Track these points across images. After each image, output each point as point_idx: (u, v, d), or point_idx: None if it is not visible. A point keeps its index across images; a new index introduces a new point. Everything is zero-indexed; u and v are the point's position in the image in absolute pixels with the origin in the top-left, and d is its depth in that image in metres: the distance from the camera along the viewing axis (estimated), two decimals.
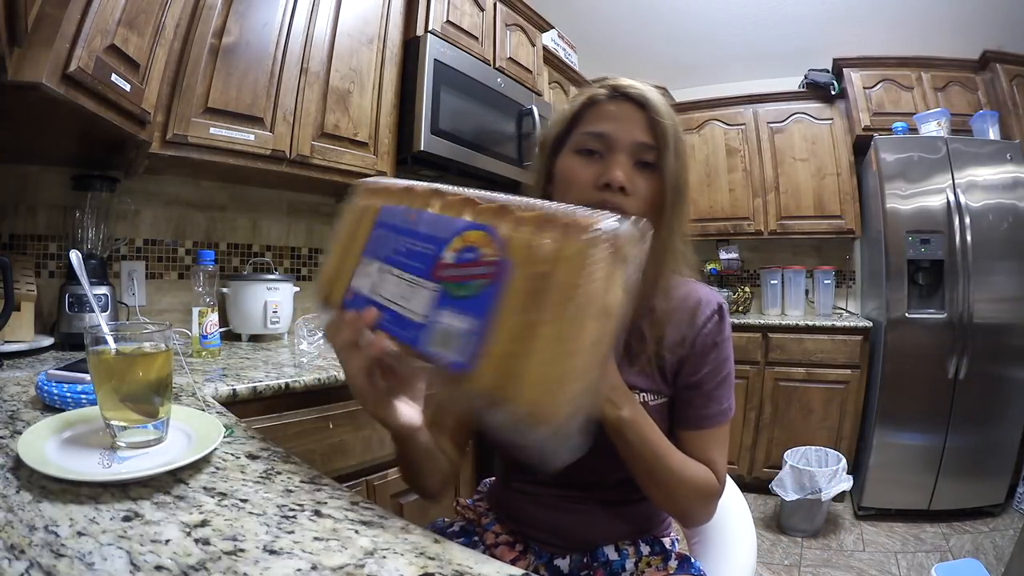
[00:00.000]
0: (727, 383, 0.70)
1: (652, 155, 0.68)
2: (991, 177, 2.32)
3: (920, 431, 2.32)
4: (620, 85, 0.71)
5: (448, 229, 0.44)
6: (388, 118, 1.73)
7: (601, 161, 0.68)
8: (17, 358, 1.09)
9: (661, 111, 0.68)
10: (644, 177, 0.68)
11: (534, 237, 0.39)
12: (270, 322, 1.55)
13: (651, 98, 0.68)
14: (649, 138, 0.67)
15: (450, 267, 0.43)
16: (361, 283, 0.51)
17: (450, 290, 0.42)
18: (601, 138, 0.68)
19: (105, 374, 0.56)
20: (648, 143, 0.67)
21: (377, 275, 0.50)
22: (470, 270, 0.41)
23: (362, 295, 0.51)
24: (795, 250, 3.16)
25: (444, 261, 0.43)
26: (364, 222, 0.54)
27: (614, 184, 0.65)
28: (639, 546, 0.73)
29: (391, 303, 0.47)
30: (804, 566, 2.02)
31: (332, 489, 0.49)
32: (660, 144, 0.67)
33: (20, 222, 1.34)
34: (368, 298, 0.50)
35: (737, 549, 0.84)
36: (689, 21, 3.01)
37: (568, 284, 0.36)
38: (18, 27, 0.81)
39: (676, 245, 0.70)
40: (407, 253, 0.47)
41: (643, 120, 0.68)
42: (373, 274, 0.50)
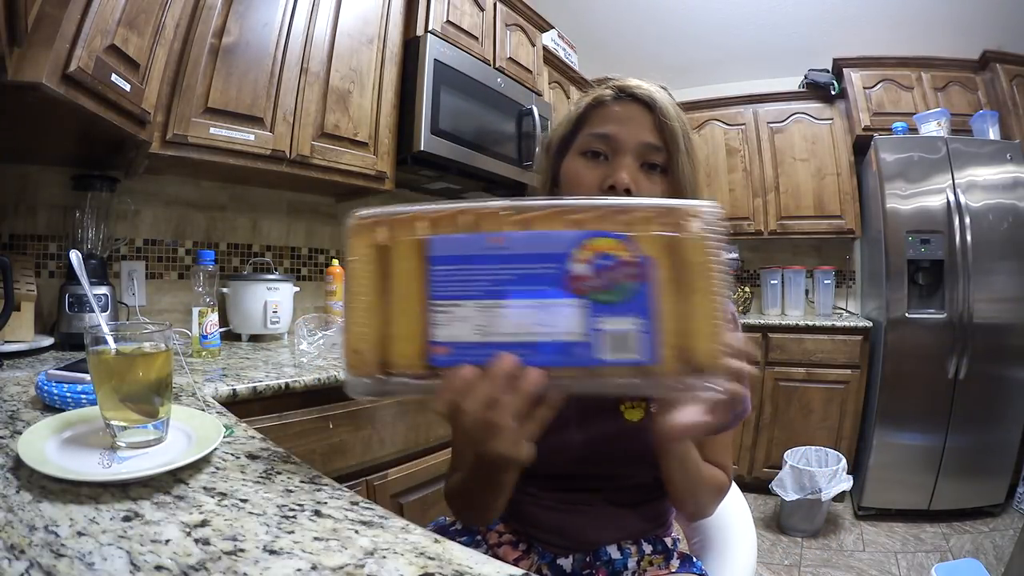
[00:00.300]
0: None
1: (660, 157, 0.67)
2: (991, 177, 2.32)
3: (920, 431, 2.32)
4: (626, 86, 0.70)
5: (562, 243, 0.43)
6: (388, 118, 1.73)
7: (607, 163, 0.67)
8: (17, 358, 1.09)
9: (669, 112, 0.67)
10: (651, 179, 0.67)
11: (659, 231, 0.43)
12: (270, 322, 1.56)
13: (658, 98, 0.67)
14: (656, 139, 0.67)
15: (588, 278, 0.43)
16: (455, 331, 0.44)
17: (599, 298, 0.43)
18: (606, 140, 0.68)
19: (105, 374, 0.56)
20: (655, 144, 0.67)
21: (479, 315, 0.44)
22: (613, 274, 0.43)
23: (465, 343, 0.44)
24: (795, 250, 3.16)
25: (578, 274, 0.43)
26: (403, 261, 0.46)
27: (619, 186, 0.64)
28: (641, 545, 0.73)
29: (522, 336, 0.43)
30: (804, 566, 2.02)
31: (332, 489, 0.49)
32: (669, 146, 0.66)
33: (20, 222, 1.34)
34: (480, 344, 0.44)
35: (737, 549, 0.84)
36: (689, 21, 3.01)
37: (702, 263, 0.43)
38: (18, 27, 0.81)
39: None
40: (519, 280, 0.44)
41: (650, 121, 0.67)
42: (471, 316, 0.44)
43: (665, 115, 0.67)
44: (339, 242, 2.01)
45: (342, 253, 1.98)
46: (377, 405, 1.27)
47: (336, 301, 1.70)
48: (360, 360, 0.46)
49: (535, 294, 0.43)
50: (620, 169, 0.65)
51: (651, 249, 0.43)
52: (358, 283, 0.47)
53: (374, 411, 1.26)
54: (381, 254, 0.46)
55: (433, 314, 0.45)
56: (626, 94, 0.69)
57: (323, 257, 1.95)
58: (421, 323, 0.45)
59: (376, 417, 1.27)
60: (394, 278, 0.46)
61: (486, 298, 0.44)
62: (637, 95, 0.68)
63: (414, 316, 0.45)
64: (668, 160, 0.67)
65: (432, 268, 0.45)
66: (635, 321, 0.42)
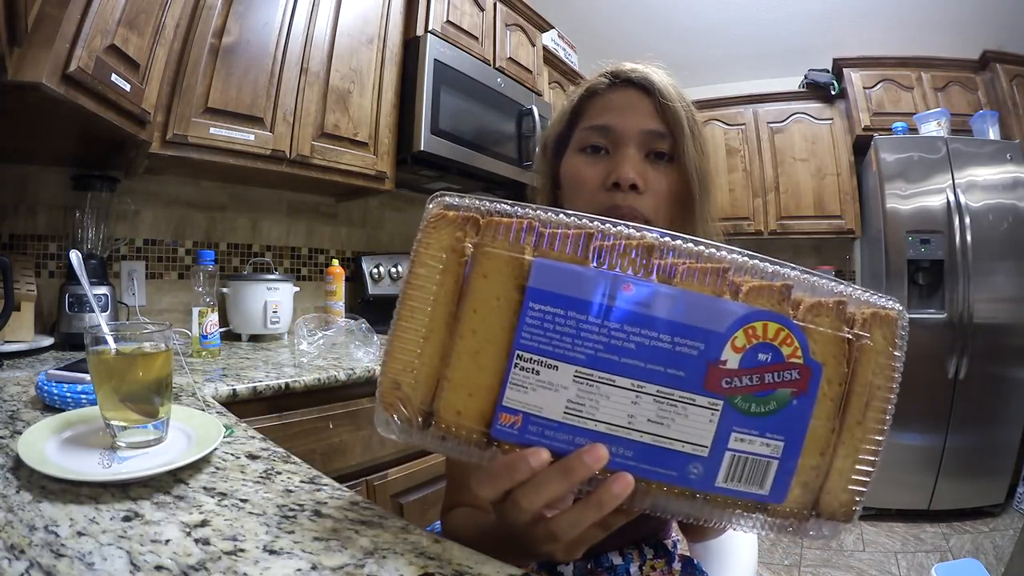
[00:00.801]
0: None
1: (665, 144, 0.61)
2: (991, 177, 2.32)
3: (920, 431, 2.32)
4: (620, 70, 0.64)
5: (722, 317, 0.31)
6: (388, 118, 1.73)
7: (608, 158, 0.62)
8: (17, 358, 1.09)
9: (670, 93, 0.60)
10: (659, 170, 0.61)
11: (838, 330, 0.32)
12: (270, 322, 1.55)
13: (656, 80, 0.61)
14: (659, 125, 0.60)
15: (737, 374, 0.31)
16: (538, 400, 0.33)
17: (741, 406, 0.32)
18: (605, 131, 0.62)
19: (105, 374, 0.56)
20: (659, 131, 0.60)
21: (576, 388, 0.32)
22: (772, 379, 0.32)
23: (546, 420, 0.33)
24: (795, 250, 3.16)
25: (725, 366, 0.31)
26: (490, 284, 0.33)
27: (623, 182, 0.58)
28: (643, 549, 0.72)
29: (622, 428, 0.32)
30: (804, 566, 2.02)
31: (332, 489, 0.49)
32: (673, 130, 0.60)
33: (20, 222, 1.34)
34: (565, 425, 0.33)
35: (738, 549, 0.84)
36: (689, 21, 3.01)
37: (881, 386, 0.33)
38: (18, 27, 0.81)
39: (708, 234, 0.61)
40: (645, 351, 0.32)
41: (650, 106, 0.61)
42: (564, 386, 0.32)
43: (666, 96, 0.60)
44: (339, 242, 2.01)
45: (342, 253, 1.99)
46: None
47: (336, 301, 1.70)
48: (398, 397, 0.35)
49: (662, 378, 0.32)
50: (623, 163, 0.59)
51: (824, 352, 0.32)
52: (421, 296, 0.34)
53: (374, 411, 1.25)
54: (460, 264, 0.34)
55: (515, 371, 0.33)
56: (621, 79, 0.63)
57: (323, 257, 1.95)
58: (495, 376, 0.33)
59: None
60: (474, 304, 0.33)
61: (592, 367, 0.32)
62: (633, 79, 0.62)
63: (488, 364, 0.33)
64: (674, 146, 0.60)
65: (529, 305, 0.32)
66: (776, 447, 0.32)
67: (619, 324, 0.32)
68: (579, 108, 0.66)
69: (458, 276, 0.34)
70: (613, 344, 0.32)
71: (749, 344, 0.31)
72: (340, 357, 1.31)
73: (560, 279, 0.32)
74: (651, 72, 0.62)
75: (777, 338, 0.31)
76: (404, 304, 0.35)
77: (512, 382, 0.33)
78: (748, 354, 0.31)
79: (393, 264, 2.02)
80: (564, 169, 0.66)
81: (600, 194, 0.60)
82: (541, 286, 0.32)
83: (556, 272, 0.32)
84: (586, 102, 0.65)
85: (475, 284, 0.33)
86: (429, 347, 0.34)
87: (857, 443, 0.33)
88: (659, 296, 0.32)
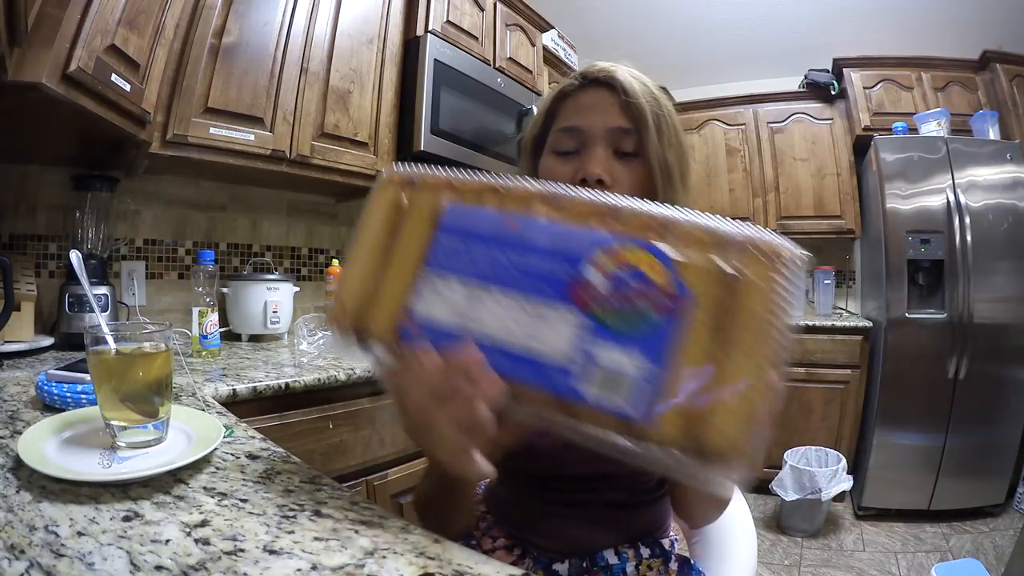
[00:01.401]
0: None
1: (631, 141, 0.63)
2: (991, 177, 2.32)
3: (920, 431, 2.32)
4: (588, 71, 0.66)
5: (584, 243, 0.36)
6: (388, 118, 1.73)
7: (578, 157, 0.64)
8: (17, 358, 1.09)
9: (633, 90, 0.62)
10: (627, 165, 0.63)
11: (716, 263, 0.34)
12: (270, 322, 1.55)
13: (620, 77, 0.63)
14: (625, 121, 0.63)
15: (602, 292, 0.35)
16: (432, 308, 0.39)
17: (606, 321, 0.34)
18: (574, 132, 0.65)
19: (105, 374, 0.56)
20: (624, 127, 0.63)
21: (464, 299, 0.38)
22: (635, 297, 0.34)
23: (438, 324, 0.39)
24: None
25: (591, 284, 0.35)
26: (413, 223, 0.42)
27: (589, 178, 0.61)
28: (639, 549, 0.72)
29: (501, 336, 0.37)
30: (804, 566, 2.02)
31: (332, 489, 0.49)
32: (638, 125, 0.62)
33: (20, 222, 1.34)
34: (450, 330, 0.38)
35: (737, 549, 0.84)
36: (689, 21, 3.01)
37: (761, 316, 0.34)
38: (18, 27, 0.81)
39: None
40: (521, 271, 0.37)
41: (616, 104, 0.63)
42: (455, 297, 0.39)
43: (628, 93, 0.62)
44: (339, 242, 2.01)
45: (342, 253, 1.99)
46: (377, 405, 1.27)
47: None
48: (341, 314, 0.42)
49: (532, 292, 0.37)
50: (589, 161, 0.62)
51: (697, 282, 0.34)
52: (365, 237, 0.44)
53: (374, 411, 1.26)
54: (398, 213, 0.43)
55: (419, 283, 0.40)
56: (589, 80, 0.66)
57: (323, 257, 1.95)
58: (406, 290, 0.40)
59: (376, 417, 1.27)
60: (400, 238, 0.42)
61: (477, 282, 0.38)
62: (599, 78, 0.64)
63: (402, 281, 0.41)
64: (639, 142, 0.63)
65: (438, 235, 0.41)
66: (639, 363, 0.34)
67: (503, 250, 0.38)
68: (552, 110, 0.69)
69: (395, 223, 0.43)
70: (498, 266, 0.38)
71: (618, 267, 0.35)
72: (340, 357, 1.31)
73: (465, 218, 0.40)
74: (616, 70, 0.64)
75: (647, 265, 0.35)
76: (355, 244, 0.44)
77: (417, 293, 0.40)
78: (616, 276, 0.35)
79: None
80: (540, 170, 0.69)
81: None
82: (450, 223, 0.41)
83: (462, 213, 0.41)
84: (558, 104, 0.68)
85: (405, 226, 0.42)
86: (367, 273, 0.42)
87: (741, 372, 0.33)
88: (539, 229, 0.38)
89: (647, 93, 0.63)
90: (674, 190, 0.63)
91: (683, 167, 0.65)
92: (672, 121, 0.65)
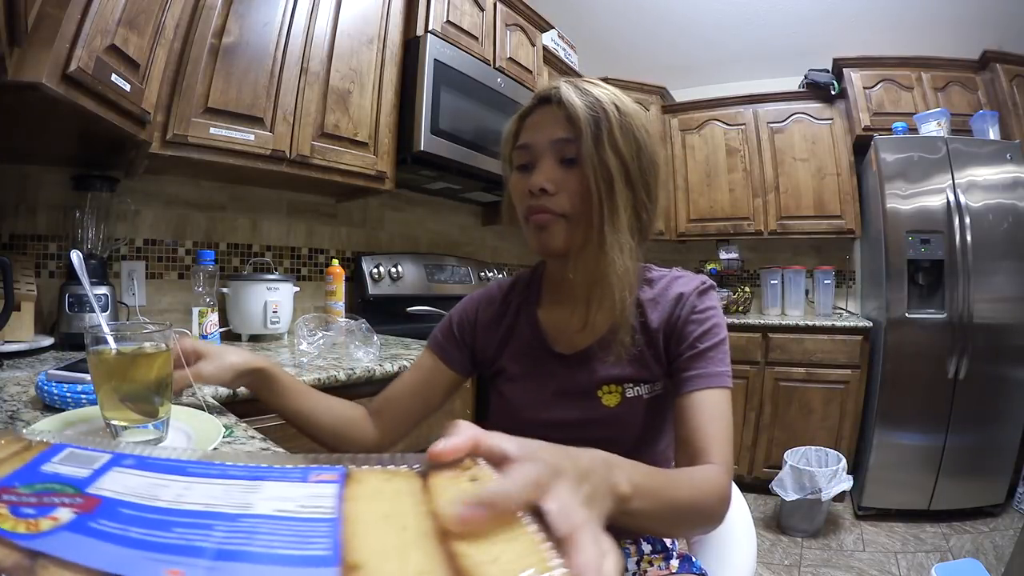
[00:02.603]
0: (720, 349, 0.69)
1: (572, 148, 0.67)
2: (991, 177, 2.32)
3: (920, 431, 2.32)
4: (540, 91, 0.71)
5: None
6: (388, 118, 1.73)
7: (531, 171, 0.70)
8: (17, 358, 1.09)
9: (570, 100, 0.66)
10: (570, 172, 0.68)
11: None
12: (270, 322, 1.55)
13: (563, 92, 0.67)
14: (566, 132, 0.67)
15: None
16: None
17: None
18: (527, 149, 0.70)
19: (105, 374, 0.56)
20: (565, 137, 0.67)
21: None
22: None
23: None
24: (795, 250, 3.16)
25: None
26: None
27: (534, 189, 0.67)
28: (640, 544, 0.72)
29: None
30: (804, 566, 2.02)
31: None
32: (576, 134, 0.66)
33: (20, 222, 1.34)
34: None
35: (737, 549, 0.84)
36: (689, 21, 3.01)
37: None
38: (18, 27, 0.81)
39: (609, 222, 0.66)
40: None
41: (561, 117, 0.67)
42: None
43: (567, 105, 0.66)
44: (339, 242, 2.01)
45: (342, 253, 1.99)
46: None
47: (336, 301, 1.70)
48: None
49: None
50: (536, 174, 0.68)
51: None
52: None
53: None
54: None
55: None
56: (540, 99, 0.71)
57: (323, 257, 1.95)
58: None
59: None
60: None
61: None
62: (547, 96, 0.70)
63: None
64: (578, 149, 0.66)
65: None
66: None
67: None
68: (516, 130, 0.74)
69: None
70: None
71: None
72: (340, 357, 1.31)
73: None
74: (561, 86, 0.68)
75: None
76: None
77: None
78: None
79: (393, 264, 2.02)
80: (508, 185, 0.75)
81: (526, 200, 0.70)
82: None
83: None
84: (520, 124, 0.74)
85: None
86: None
87: None
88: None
89: (590, 102, 0.67)
90: (612, 190, 0.66)
91: (632, 167, 0.67)
92: (621, 124, 0.67)
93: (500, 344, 0.81)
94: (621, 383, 0.71)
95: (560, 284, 0.78)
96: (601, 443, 0.68)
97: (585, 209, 0.67)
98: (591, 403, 0.71)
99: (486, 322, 0.82)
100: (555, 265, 0.78)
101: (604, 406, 0.71)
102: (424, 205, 2.33)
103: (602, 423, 0.71)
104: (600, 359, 0.71)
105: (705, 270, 3.18)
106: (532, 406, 0.76)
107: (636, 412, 0.71)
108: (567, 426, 0.72)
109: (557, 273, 0.78)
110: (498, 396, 0.81)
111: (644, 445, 0.73)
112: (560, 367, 0.75)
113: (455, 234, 2.50)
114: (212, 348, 0.75)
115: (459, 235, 2.52)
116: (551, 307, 0.80)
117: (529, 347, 0.78)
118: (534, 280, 0.84)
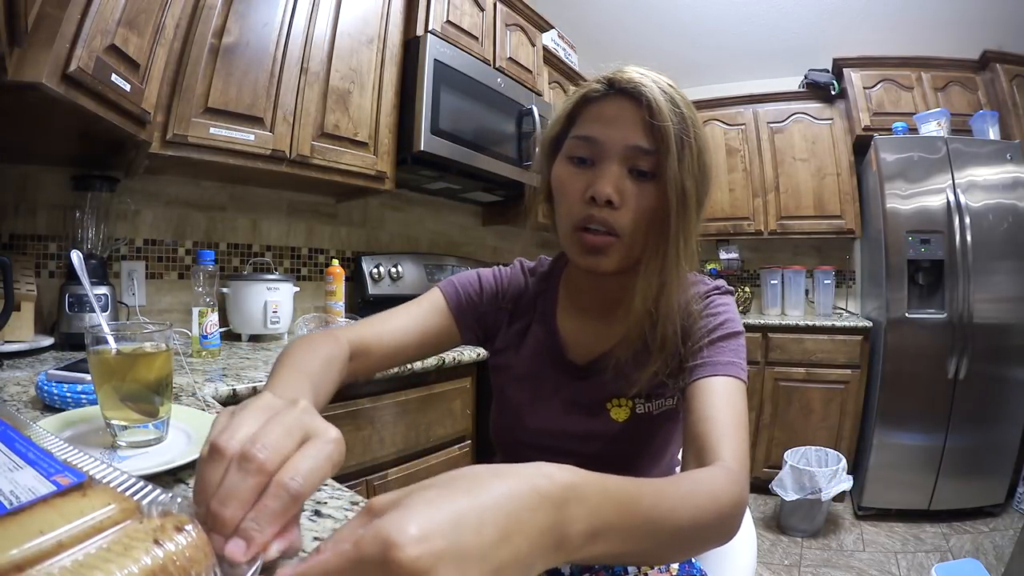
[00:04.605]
0: (732, 341, 0.64)
1: (649, 161, 0.60)
2: (991, 177, 2.32)
3: (920, 431, 2.32)
4: (616, 78, 0.62)
5: None
6: (388, 118, 1.73)
7: (592, 169, 0.62)
8: (17, 358, 1.09)
9: (660, 109, 0.58)
10: (640, 186, 0.61)
11: None
12: (270, 322, 1.55)
13: (648, 94, 0.59)
14: (646, 141, 0.59)
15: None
16: None
17: None
18: (591, 143, 0.62)
19: (105, 374, 0.56)
20: (643, 147, 0.59)
21: None
22: None
23: None
24: (795, 250, 3.16)
25: None
26: None
27: (599, 198, 0.59)
28: None
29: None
30: (804, 566, 2.02)
31: (332, 489, 0.49)
32: (660, 148, 0.59)
33: (20, 222, 1.34)
34: None
35: (737, 549, 0.84)
36: (689, 21, 3.01)
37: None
38: (18, 27, 0.81)
39: (681, 253, 0.61)
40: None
41: (640, 119, 0.59)
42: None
43: (655, 113, 0.58)
44: (339, 242, 2.01)
45: (342, 253, 1.99)
46: (377, 405, 1.27)
47: (336, 301, 1.70)
48: None
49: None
50: (601, 178, 0.59)
51: None
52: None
53: (374, 411, 1.26)
54: None
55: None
56: (616, 88, 0.61)
57: (323, 257, 1.95)
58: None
59: (376, 417, 1.27)
60: None
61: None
62: (627, 89, 0.60)
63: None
64: (657, 164, 0.59)
65: None
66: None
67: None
68: (574, 113, 0.66)
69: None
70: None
71: None
72: None
73: None
74: (647, 82, 0.60)
75: None
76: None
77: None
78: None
79: (393, 264, 2.02)
80: (553, 175, 0.67)
81: (579, 206, 0.62)
82: None
83: None
84: (581, 107, 0.65)
85: None
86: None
87: None
88: None
89: (674, 112, 0.59)
90: (687, 218, 0.60)
91: (701, 193, 0.62)
92: (698, 144, 0.61)
93: (514, 338, 0.77)
94: (632, 398, 0.69)
95: (585, 293, 0.73)
96: (601, 458, 0.67)
97: (647, 231, 0.61)
98: (599, 417, 0.69)
99: (508, 312, 0.78)
100: (586, 275, 0.71)
101: (612, 420, 0.69)
102: (424, 205, 2.33)
103: (607, 438, 0.69)
104: (614, 372, 0.67)
105: (705, 270, 3.18)
106: (536, 412, 0.74)
107: (643, 429, 0.70)
108: (568, 437, 0.71)
109: (586, 282, 0.72)
110: (500, 393, 0.80)
111: (648, 461, 0.72)
112: (571, 377, 0.72)
113: (455, 234, 2.50)
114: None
115: (459, 235, 2.52)
116: (572, 313, 0.75)
117: (543, 349, 0.74)
118: (553, 275, 0.78)
